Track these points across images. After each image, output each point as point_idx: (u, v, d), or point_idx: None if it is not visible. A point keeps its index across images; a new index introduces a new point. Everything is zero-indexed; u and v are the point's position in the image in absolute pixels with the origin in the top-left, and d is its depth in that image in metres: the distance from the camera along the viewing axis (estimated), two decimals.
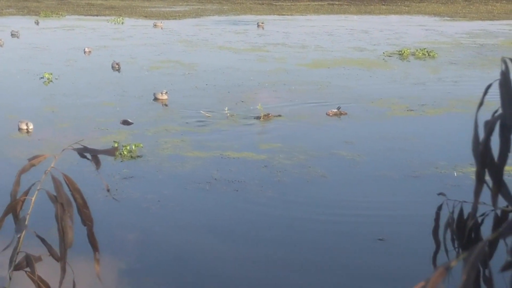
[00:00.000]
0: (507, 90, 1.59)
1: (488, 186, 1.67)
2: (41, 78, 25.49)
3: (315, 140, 17.21)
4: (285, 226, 11.89)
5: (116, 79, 25.87)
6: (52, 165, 2.42)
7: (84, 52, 32.83)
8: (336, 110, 19.69)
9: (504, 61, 1.63)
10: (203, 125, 18.65)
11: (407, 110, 20.35)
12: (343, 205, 12.80)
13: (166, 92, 21.88)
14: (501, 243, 1.99)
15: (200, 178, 14.17)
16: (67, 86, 24.33)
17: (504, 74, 1.62)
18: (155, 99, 21.73)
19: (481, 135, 1.79)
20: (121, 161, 15.22)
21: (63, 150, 2.44)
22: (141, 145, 16.08)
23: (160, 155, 15.75)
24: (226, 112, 19.68)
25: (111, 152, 2.31)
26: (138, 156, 15.56)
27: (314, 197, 13.23)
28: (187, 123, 18.85)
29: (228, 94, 22.87)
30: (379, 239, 11.17)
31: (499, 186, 1.63)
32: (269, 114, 19.50)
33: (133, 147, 15.79)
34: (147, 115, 19.70)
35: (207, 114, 19.64)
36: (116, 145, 15.82)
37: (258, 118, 19.28)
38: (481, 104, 1.74)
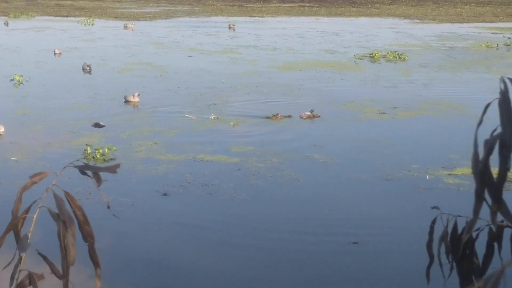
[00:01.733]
0: (506, 109, 1.61)
1: (487, 203, 1.69)
2: (12, 80, 25.27)
3: (288, 143, 17.25)
4: (259, 229, 11.90)
5: (87, 81, 25.73)
6: (54, 183, 2.40)
7: (54, 53, 32.60)
8: (309, 112, 19.75)
9: (503, 81, 1.65)
10: (176, 127, 18.60)
11: (379, 113, 20.45)
12: (317, 209, 12.83)
13: (139, 95, 21.78)
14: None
15: (174, 182, 14.14)
16: (38, 88, 24.15)
17: (504, 93, 1.64)
18: (126, 101, 21.61)
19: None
20: (94, 165, 15.11)
21: (64, 167, 2.43)
22: (114, 148, 16.01)
23: (133, 158, 15.68)
24: (212, 117, 19.60)
25: (112, 169, 2.30)
26: (111, 159, 15.47)
27: (288, 200, 13.25)
28: (159, 125, 18.79)
29: (200, 96, 22.84)
30: (354, 243, 11.21)
31: (498, 204, 1.65)
32: (278, 115, 19.64)
33: (106, 150, 15.71)
34: (120, 118, 19.61)
35: (191, 117, 19.61)
36: (88, 149, 15.72)
37: (267, 118, 19.46)
38: (480, 123, 1.76)
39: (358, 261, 10.60)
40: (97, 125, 18.40)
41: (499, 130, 1.68)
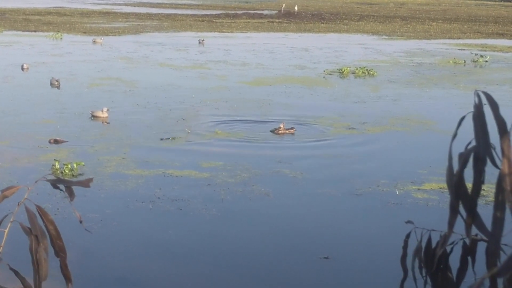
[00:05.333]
0: (480, 123, 1.61)
1: (461, 216, 1.69)
2: None
3: (257, 157, 17.24)
4: (229, 245, 11.86)
5: (56, 96, 25.54)
6: (25, 197, 2.36)
7: (22, 68, 32.29)
8: (288, 129, 19.81)
9: (477, 94, 1.65)
10: (145, 142, 18.51)
11: (349, 128, 20.54)
12: (287, 224, 12.83)
13: (108, 110, 21.62)
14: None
15: (143, 197, 14.06)
16: (5, 103, 23.92)
17: (478, 107, 1.64)
18: (93, 117, 21.40)
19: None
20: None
21: (36, 181, 2.39)
22: (83, 163, 15.88)
23: (102, 173, 15.57)
24: (187, 130, 19.52)
25: (85, 183, 2.27)
26: (79, 175, 15.35)
27: (258, 215, 13.24)
28: (128, 140, 18.68)
29: (170, 111, 22.78)
30: (324, 258, 11.21)
31: (473, 217, 1.65)
32: (292, 128, 19.83)
33: (75, 165, 15.58)
34: (88, 133, 19.48)
35: (188, 130, 19.54)
36: (57, 164, 15.58)
37: (272, 131, 19.74)
38: (455, 135, 1.76)
39: (328, 276, 10.60)
40: (56, 142, 18.16)
41: (473, 143, 1.68)
